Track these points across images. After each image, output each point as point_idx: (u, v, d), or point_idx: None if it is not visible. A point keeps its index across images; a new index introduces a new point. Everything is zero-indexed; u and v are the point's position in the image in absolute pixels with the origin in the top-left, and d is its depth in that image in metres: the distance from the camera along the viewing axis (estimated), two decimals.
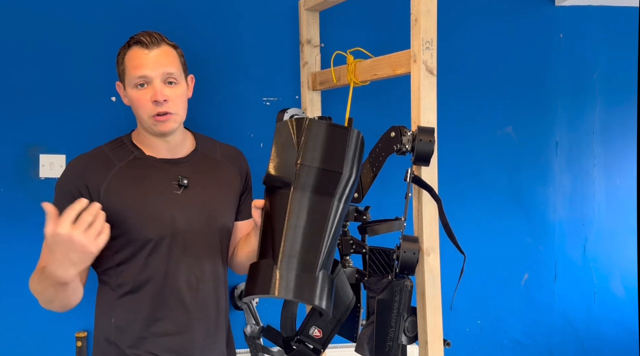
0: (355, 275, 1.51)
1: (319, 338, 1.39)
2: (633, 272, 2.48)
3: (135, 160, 1.48)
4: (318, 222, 1.23)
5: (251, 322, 2.00)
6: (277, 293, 1.17)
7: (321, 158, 1.23)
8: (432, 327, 1.33)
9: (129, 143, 1.52)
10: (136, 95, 1.43)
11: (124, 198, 1.41)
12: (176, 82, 1.45)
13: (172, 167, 1.50)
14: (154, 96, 1.41)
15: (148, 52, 1.42)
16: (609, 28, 2.44)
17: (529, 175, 2.41)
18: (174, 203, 1.46)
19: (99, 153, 1.49)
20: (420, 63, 1.32)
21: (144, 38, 1.43)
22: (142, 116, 1.44)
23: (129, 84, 1.44)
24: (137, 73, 1.41)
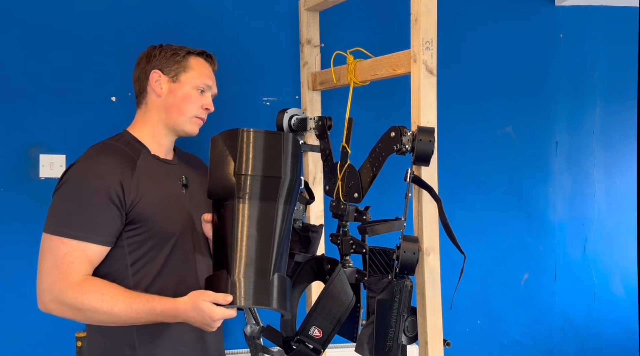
0: (355, 275, 1.52)
1: (319, 338, 1.39)
2: (633, 272, 2.48)
3: (147, 158, 1.51)
4: (266, 228, 1.28)
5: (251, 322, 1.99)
6: (238, 302, 1.25)
7: (259, 165, 1.29)
8: (432, 327, 1.33)
9: (133, 141, 1.53)
10: (194, 96, 1.54)
11: (147, 194, 1.42)
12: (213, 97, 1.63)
13: (172, 168, 1.57)
14: (208, 104, 1.57)
15: (212, 69, 1.62)
16: (609, 28, 2.44)
17: (529, 175, 2.41)
18: (186, 201, 1.53)
19: (120, 151, 1.47)
20: (420, 63, 1.32)
21: (210, 56, 1.62)
22: (185, 112, 1.53)
23: (188, 83, 1.54)
24: (205, 80, 1.56)
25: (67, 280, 1.32)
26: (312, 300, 1.89)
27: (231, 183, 1.28)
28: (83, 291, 1.31)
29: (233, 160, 1.28)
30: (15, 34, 1.98)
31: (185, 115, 1.53)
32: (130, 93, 2.05)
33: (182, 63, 1.55)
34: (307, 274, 1.60)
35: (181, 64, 1.55)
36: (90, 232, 1.34)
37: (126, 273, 1.42)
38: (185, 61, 1.56)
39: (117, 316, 1.33)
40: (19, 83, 1.98)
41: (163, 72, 1.54)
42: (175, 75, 1.54)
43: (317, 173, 1.94)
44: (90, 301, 1.31)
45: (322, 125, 1.72)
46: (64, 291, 1.31)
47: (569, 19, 2.42)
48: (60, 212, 1.38)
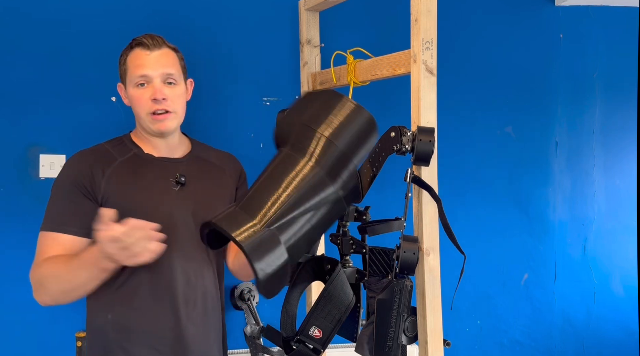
0: (355, 275, 1.51)
1: (319, 338, 1.39)
2: (633, 272, 2.48)
3: (135, 157, 1.52)
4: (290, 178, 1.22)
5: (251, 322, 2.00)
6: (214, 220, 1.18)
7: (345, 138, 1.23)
8: (432, 327, 1.33)
9: (129, 142, 1.56)
10: (136, 94, 1.47)
11: (122, 191, 1.45)
12: (175, 82, 1.50)
13: (170, 165, 1.54)
14: (153, 94, 1.45)
15: (149, 53, 1.48)
16: (609, 28, 2.44)
17: (529, 175, 2.41)
18: (171, 199, 1.49)
19: (100, 149, 1.54)
20: (420, 63, 1.32)
21: (146, 40, 1.49)
22: (140, 114, 1.48)
23: (130, 83, 1.49)
24: (138, 72, 1.46)
25: (37, 263, 1.42)
26: (312, 300, 1.89)
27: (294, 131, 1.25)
28: (41, 265, 1.40)
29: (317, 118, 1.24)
30: (15, 34, 1.98)
31: (140, 117, 1.50)
32: None
33: (124, 66, 1.51)
34: (307, 274, 1.59)
35: (123, 66, 1.52)
36: (61, 223, 1.43)
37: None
38: (125, 62, 1.51)
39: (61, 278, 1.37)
40: (19, 83, 1.98)
41: (122, 82, 1.55)
42: (125, 81, 1.52)
43: None
44: (44, 270, 1.39)
45: None
46: (32, 271, 1.41)
47: (569, 19, 2.42)
48: (47, 211, 1.48)
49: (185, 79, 1.56)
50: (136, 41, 1.50)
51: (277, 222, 1.19)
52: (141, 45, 1.49)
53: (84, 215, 1.42)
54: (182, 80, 1.54)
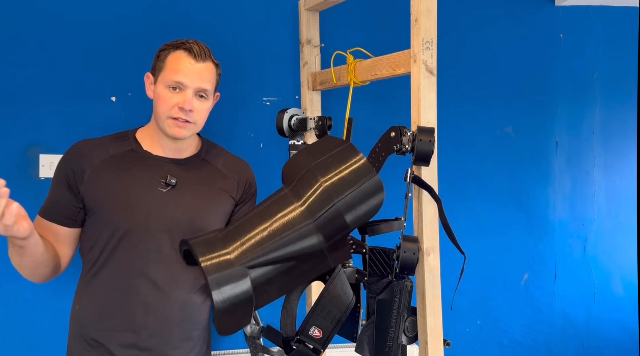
0: (355, 275, 1.51)
1: (319, 338, 1.39)
2: (633, 272, 2.48)
3: (130, 153, 1.51)
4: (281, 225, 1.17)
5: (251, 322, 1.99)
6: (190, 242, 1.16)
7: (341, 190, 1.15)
8: (432, 327, 1.33)
9: (131, 138, 1.54)
10: (165, 95, 1.44)
11: (105, 185, 1.44)
12: (206, 97, 1.48)
13: (166, 165, 1.50)
14: (182, 103, 1.42)
15: (194, 63, 1.45)
16: (609, 28, 2.44)
17: (529, 175, 2.41)
18: (154, 199, 1.45)
19: (101, 142, 1.54)
20: (420, 63, 1.32)
21: (195, 48, 1.45)
22: (160, 114, 1.45)
23: (162, 82, 1.45)
24: (175, 77, 1.43)
25: None
26: (312, 300, 1.89)
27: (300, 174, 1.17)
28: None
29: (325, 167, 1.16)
30: (15, 33, 1.97)
31: (160, 117, 1.46)
32: (130, 93, 2.06)
33: (161, 62, 1.48)
34: None
35: (161, 62, 1.48)
36: (47, 210, 1.48)
37: (86, 258, 1.49)
38: (164, 59, 1.47)
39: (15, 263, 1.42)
40: (19, 83, 1.98)
41: (153, 74, 1.51)
42: (156, 76, 1.48)
43: None
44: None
45: (322, 125, 1.72)
46: None
47: (569, 19, 2.42)
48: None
49: (215, 91, 1.54)
50: (183, 45, 1.46)
51: (251, 260, 1.15)
52: (189, 51, 1.45)
53: (64, 205, 1.46)
54: (212, 96, 1.52)
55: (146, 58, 2.05)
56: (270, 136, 2.13)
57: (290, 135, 1.84)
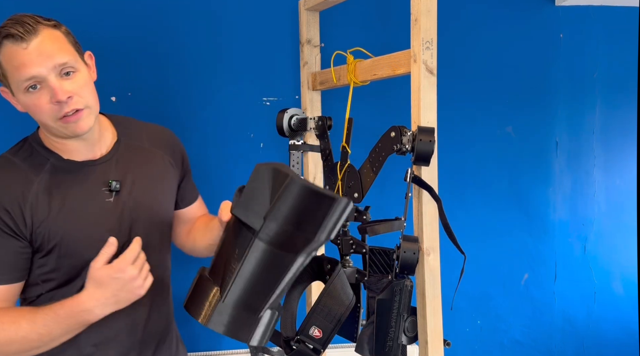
0: (355, 275, 1.51)
1: (319, 338, 1.39)
2: (633, 272, 2.48)
3: (54, 169, 1.27)
4: (276, 273, 1.16)
5: None
6: (210, 326, 1.14)
7: (293, 220, 1.11)
8: (432, 327, 1.33)
9: (41, 148, 1.29)
10: (31, 101, 1.18)
11: (52, 219, 1.22)
12: (74, 70, 1.20)
13: (98, 169, 1.30)
14: (53, 96, 1.16)
15: (26, 46, 1.15)
16: (609, 28, 2.44)
17: (529, 175, 2.41)
18: (108, 215, 1.28)
19: (9, 167, 1.25)
20: (420, 63, 1.32)
21: (15, 29, 1.15)
22: (46, 122, 1.20)
23: (17, 88, 1.18)
24: (22, 75, 1.15)
25: None
26: (312, 300, 1.88)
27: (256, 220, 1.12)
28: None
29: (269, 201, 1.11)
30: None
31: (48, 126, 1.21)
32: (130, 93, 2.06)
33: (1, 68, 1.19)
34: (307, 274, 1.59)
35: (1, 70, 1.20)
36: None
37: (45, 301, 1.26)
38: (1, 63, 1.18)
39: (27, 340, 1.14)
40: None
41: (4, 85, 1.23)
42: (8, 85, 1.21)
43: (317, 173, 1.94)
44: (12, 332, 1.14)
45: (322, 125, 1.72)
46: None
47: (569, 19, 2.42)
48: None
49: (82, 59, 1.24)
50: (2, 33, 1.15)
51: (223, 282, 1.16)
52: (12, 38, 1.15)
53: (13, 257, 1.20)
54: (81, 62, 1.23)
55: (146, 58, 2.06)
56: (270, 136, 2.13)
57: (290, 135, 1.84)
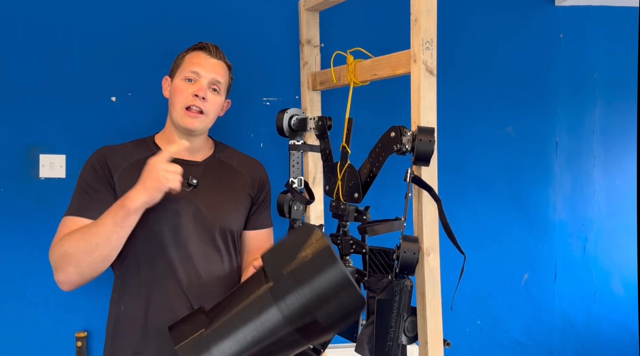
0: (355, 275, 1.51)
1: None
2: (633, 272, 2.48)
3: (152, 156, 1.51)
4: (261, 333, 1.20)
5: None
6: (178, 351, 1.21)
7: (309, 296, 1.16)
8: (432, 327, 1.33)
9: (151, 143, 1.62)
10: (181, 85, 1.54)
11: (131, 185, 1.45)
12: (219, 92, 1.58)
13: (186, 167, 1.52)
14: (197, 90, 1.52)
15: (209, 58, 1.57)
16: (609, 28, 2.44)
17: (529, 175, 2.41)
18: (179, 200, 1.50)
19: (122, 147, 1.60)
20: (420, 63, 1.32)
21: (210, 47, 1.59)
22: (176, 105, 1.53)
23: (179, 75, 1.56)
24: (191, 68, 1.54)
25: (55, 241, 1.44)
26: None
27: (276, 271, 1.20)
28: (60, 240, 1.41)
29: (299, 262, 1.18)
30: (15, 33, 1.98)
31: (176, 107, 1.54)
32: (130, 93, 2.06)
33: (180, 61, 1.59)
34: None
35: (179, 61, 1.59)
36: (82, 208, 1.47)
37: (117, 263, 1.51)
38: (182, 58, 1.59)
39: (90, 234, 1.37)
40: (19, 83, 1.98)
41: (170, 76, 1.61)
42: (173, 75, 1.59)
43: (317, 173, 1.94)
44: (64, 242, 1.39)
45: (322, 125, 1.72)
46: (52, 250, 1.43)
47: (569, 19, 2.42)
48: (70, 201, 1.52)
49: (226, 96, 1.65)
50: (200, 45, 1.59)
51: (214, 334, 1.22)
52: (205, 50, 1.58)
53: (102, 202, 1.46)
54: (224, 95, 1.62)
55: (146, 58, 2.06)
56: (270, 136, 2.13)
57: (290, 135, 1.84)
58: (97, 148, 1.61)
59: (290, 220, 1.79)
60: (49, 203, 1.99)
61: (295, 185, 1.82)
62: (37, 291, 2.00)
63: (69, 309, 2.02)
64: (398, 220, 1.40)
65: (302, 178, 1.84)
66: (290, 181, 1.82)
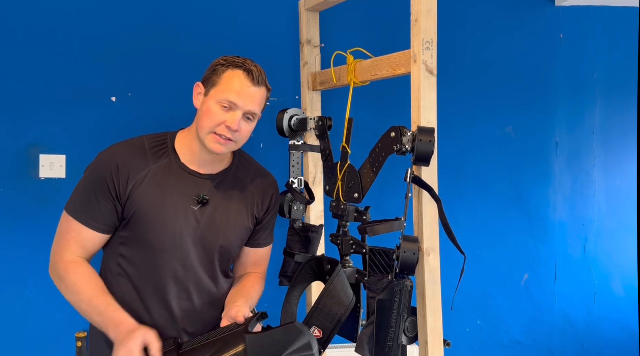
0: (355, 275, 1.51)
1: (319, 338, 1.39)
2: (633, 272, 2.48)
3: (169, 165, 1.49)
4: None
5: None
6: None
7: None
8: (432, 327, 1.33)
9: (170, 146, 1.52)
10: (214, 110, 1.44)
11: (145, 200, 1.44)
12: (252, 119, 1.50)
13: (200, 181, 1.51)
14: (229, 122, 1.44)
15: (250, 86, 1.46)
16: (609, 28, 2.44)
17: (529, 175, 2.41)
18: (187, 218, 1.48)
19: (139, 148, 1.50)
20: (420, 63, 1.32)
21: (255, 71, 1.47)
22: (204, 126, 1.45)
23: (215, 96, 1.45)
24: (229, 97, 1.44)
25: (61, 255, 1.44)
26: (312, 300, 1.88)
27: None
28: (67, 269, 1.43)
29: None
30: (15, 34, 1.98)
31: (203, 130, 1.46)
32: (130, 93, 2.06)
33: (216, 77, 1.48)
34: (307, 274, 1.60)
35: (217, 77, 1.48)
36: (86, 215, 1.43)
37: (114, 260, 1.49)
38: (220, 74, 1.47)
39: (78, 303, 1.43)
40: (19, 83, 1.98)
41: (203, 84, 1.51)
42: (208, 89, 1.48)
43: (317, 173, 1.94)
44: (69, 278, 1.42)
45: (322, 125, 1.72)
46: (56, 262, 1.44)
47: (569, 19, 2.42)
48: (75, 192, 1.48)
49: (260, 114, 1.55)
50: (245, 66, 1.47)
51: None
52: (247, 73, 1.46)
53: (105, 214, 1.44)
54: (258, 117, 1.53)
55: (146, 58, 2.06)
56: (270, 136, 2.13)
57: (290, 135, 1.84)
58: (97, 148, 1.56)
59: (290, 220, 1.79)
60: (49, 203, 1.99)
61: (295, 185, 1.82)
62: (37, 291, 2.00)
63: (69, 309, 2.00)
64: (398, 220, 1.40)
65: (302, 178, 1.84)
66: (290, 181, 1.82)
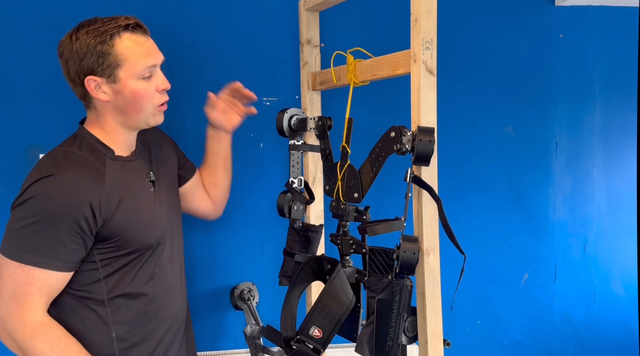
0: (355, 275, 1.52)
1: (319, 338, 1.39)
2: (633, 272, 2.48)
3: (112, 165, 1.35)
4: None
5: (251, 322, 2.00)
6: None
7: None
8: (432, 327, 1.33)
9: (97, 144, 1.37)
10: (143, 88, 1.28)
11: (120, 208, 1.32)
12: None
13: (137, 166, 1.40)
14: (162, 84, 1.30)
15: (147, 39, 1.30)
16: (609, 28, 2.44)
17: (529, 175, 2.41)
18: (156, 204, 1.42)
19: (85, 162, 1.31)
20: (420, 63, 1.32)
21: (133, 23, 1.30)
22: (144, 108, 1.30)
23: (129, 75, 1.27)
24: (147, 62, 1.27)
25: (24, 316, 1.21)
26: (312, 300, 1.89)
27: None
28: (34, 337, 1.21)
29: None
30: (15, 33, 1.98)
31: (144, 112, 1.32)
32: None
33: (111, 56, 1.26)
34: (307, 274, 1.60)
35: (110, 57, 1.26)
36: (52, 258, 1.22)
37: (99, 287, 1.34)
38: (114, 51, 1.26)
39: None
40: (19, 83, 1.98)
41: (96, 74, 1.28)
42: (111, 74, 1.28)
43: (317, 173, 1.94)
44: (37, 351, 1.20)
45: (322, 125, 1.72)
46: (17, 327, 1.21)
47: (569, 19, 2.42)
48: (21, 234, 1.23)
49: None
50: (126, 22, 1.28)
51: None
52: (139, 29, 1.29)
53: (78, 251, 1.27)
54: None
55: None
56: (270, 136, 2.13)
57: (290, 135, 1.84)
58: None
59: (290, 220, 1.79)
60: None
61: (295, 185, 1.82)
62: None
63: None
64: (398, 220, 1.40)
65: (302, 178, 1.84)
66: (290, 181, 1.82)
